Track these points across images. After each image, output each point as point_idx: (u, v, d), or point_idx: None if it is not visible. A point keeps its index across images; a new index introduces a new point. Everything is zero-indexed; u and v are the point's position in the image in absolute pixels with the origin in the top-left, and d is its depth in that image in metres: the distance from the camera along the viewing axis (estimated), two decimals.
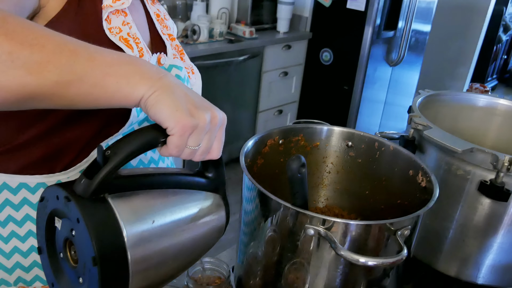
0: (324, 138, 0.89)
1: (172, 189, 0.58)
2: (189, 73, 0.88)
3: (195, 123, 0.52)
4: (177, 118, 0.51)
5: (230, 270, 0.83)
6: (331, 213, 0.93)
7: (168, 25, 0.89)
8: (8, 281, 0.77)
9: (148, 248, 0.52)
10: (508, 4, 4.74)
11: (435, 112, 1.04)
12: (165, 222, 0.55)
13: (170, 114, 0.51)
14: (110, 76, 0.51)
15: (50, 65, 0.49)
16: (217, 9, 2.97)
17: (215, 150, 0.57)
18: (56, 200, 0.51)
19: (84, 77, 0.50)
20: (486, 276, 0.89)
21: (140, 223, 0.52)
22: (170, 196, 0.57)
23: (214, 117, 0.55)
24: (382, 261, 0.61)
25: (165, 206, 0.56)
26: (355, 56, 3.08)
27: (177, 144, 0.52)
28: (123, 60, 0.53)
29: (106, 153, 0.50)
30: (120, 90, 0.51)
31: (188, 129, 0.51)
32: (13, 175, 0.72)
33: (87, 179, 0.49)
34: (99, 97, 0.52)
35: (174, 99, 0.51)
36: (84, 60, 0.50)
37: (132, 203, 0.52)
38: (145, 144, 0.52)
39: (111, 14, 0.72)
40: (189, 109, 0.52)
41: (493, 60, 5.02)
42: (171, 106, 0.51)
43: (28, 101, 0.50)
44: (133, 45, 0.72)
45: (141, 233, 0.52)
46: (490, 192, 0.81)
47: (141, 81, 0.52)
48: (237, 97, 2.98)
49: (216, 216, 0.63)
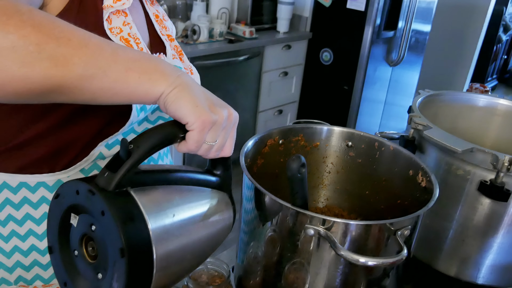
0: (324, 138, 0.89)
1: (187, 185, 0.59)
2: (188, 73, 0.88)
3: (215, 119, 0.53)
4: (198, 113, 0.52)
5: (230, 270, 0.83)
6: (331, 213, 0.93)
7: (167, 26, 0.89)
8: (9, 280, 0.77)
9: (170, 241, 0.53)
10: (508, 4, 4.74)
11: (435, 112, 1.04)
12: (184, 217, 0.56)
13: (190, 110, 0.52)
14: (133, 71, 0.52)
15: (75, 58, 0.49)
16: (217, 9, 2.97)
17: (228, 147, 0.59)
18: (76, 195, 0.51)
19: (107, 71, 0.51)
20: (486, 276, 0.89)
21: (163, 216, 0.53)
22: (186, 193, 0.58)
23: (230, 115, 0.56)
24: (382, 261, 0.61)
25: (183, 202, 0.57)
26: (355, 56, 3.08)
27: (197, 139, 0.53)
28: (144, 57, 0.54)
29: (130, 147, 0.50)
30: (141, 85, 0.52)
31: (208, 124, 0.53)
32: (13, 174, 0.72)
33: (110, 172, 0.50)
34: (120, 92, 0.53)
35: (194, 95, 0.53)
36: (108, 55, 0.51)
37: (153, 196, 0.53)
38: (166, 139, 0.53)
39: (111, 15, 0.72)
40: (208, 105, 0.53)
41: (493, 60, 5.02)
42: (191, 102, 0.52)
43: (52, 93, 0.50)
44: (134, 45, 0.73)
45: (164, 226, 0.52)
46: (490, 192, 0.81)
47: (162, 77, 0.53)
48: (237, 97, 2.98)
49: (226, 214, 0.64)
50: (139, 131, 0.78)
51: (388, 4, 3.00)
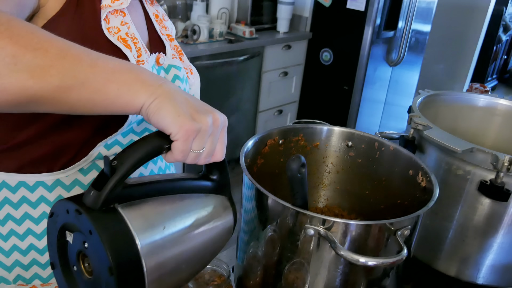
0: (324, 138, 0.89)
1: (179, 194, 0.58)
2: (188, 73, 0.88)
3: (198, 127, 0.52)
4: (180, 123, 0.51)
5: (230, 270, 0.83)
6: (331, 213, 0.93)
7: (166, 26, 0.89)
8: (8, 279, 0.77)
9: (161, 254, 0.53)
10: (508, 4, 4.74)
11: (435, 112, 1.04)
12: (176, 228, 0.56)
13: (172, 120, 0.51)
14: (112, 82, 0.51)
15: (52, 70, 0.49)
16: (217, 9, 2.97)
17: (218, 152, 0.57)
18: (66, 214, 0.51)
19: (85, 83, 0.50)
20: (486, 276, 0.89)
21: (152, 231, 0.52)
22: (178, 202, 0.58)
23: (216, 120, 0.55)
24: (382, 261, 0.61)
25: (174, 212, 0.57)
26: (355, 56, 3.08)
27: (182, 149, 0.52)
28: (125, 67, 0.53)
29: (113, 164, 0.50)
30: (121, 97, 0.52)
31: (192, 133, 0.52)
32: (12, 173, 0.72)
33: (96, 190, 0.50)
34: (99, 103, 0.52)
35: (175, 104, 0.52)
36: (87, 66, 0.51)
37: (142, 211, 0.53)
38: (151, 152, 0.52)
39: (109, 14, 0.72)
40: (191, 114, 0.52)
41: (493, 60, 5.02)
42: (173, 112, 0.51)
43: (29, 104, 0.50)
44: (131, 45, 0.73)
45: (154, 240, 0.52)
46: (490, 192, 0.81)
47: (142, 88, 0.52)
48: (237, 97, 2.98)
49: (224, 218, 0.63)
50: (138, 131, 0.78)
51: (388, 4, 3.00)
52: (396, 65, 3.32)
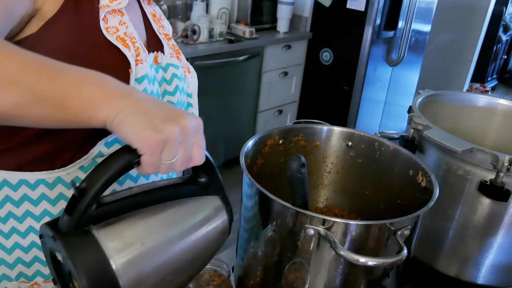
0: (324, 138, 0.89)
1: (162, 203, 0.57)
2: (185, 72, 0.89)
3: (163, 138, 0.50)
4: (144, 137, 0.49)
5: (230, 270, 0.83)
6: (331, 213, 0.93)
7: (164, 25, 0.90)
8: (10, 276, 0.78)
9: (141, 271, 0.52)
10: (508, 4, 4.74)
11: (435, 112, 1.04)
12: (157, 241, 0.54)
13: (136, 135, 0.49)
14: (72, 98, 0.50)
15: (11, 86, 0.49)
16: (217, 9, 2.97)
17: (196, 156, 0.55)
18: (49, 238, 0.52)
19: (45, 99, 0.50)
20: (486, 276, 0.89)
21: (128, 249, 0.52)
22: (159, 213, 0.56)
23: (185, 126, 0.52)
24: (382, 261, 0.61)
25: (154, 224, 0.55)
26: (355, 56, 3.08)
27: (151, 162, 0.51)
28: (88, 79, 0.52)
29: (82, 186, 0.49)
30: (82, 112, 0.51)
31: (158, 145, 0.50)
32: (13, 171, 0.72)
33: (68, 215, 0.49)
34: (62, 118, 0.51)
35: (139, 118, 0.50)
36: (46, 81, 0.50)
37: (117, 229, 0.52)
38: (120, 169, 0.51)
39: (108, 14, 0.72)
40: (155, 125, 0.50)
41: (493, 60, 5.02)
42: (136, 126, 0.49)
43: None
44: (130, 44, 0.73)
45: (131, 258, 0.51)
46: (490, 192, 0.81)
47: (104, 102, 0.50)
48: (237, 97, 2.98)
49: (216, 219, 0.61)
50: None
51: (388, 4, 3.00)
52: (396, 65, 3.32)
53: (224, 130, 2.94)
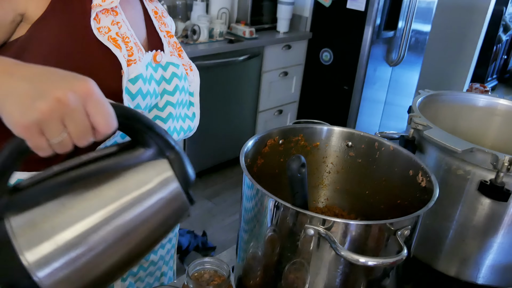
0: (324, 138, 0.89)
1: (89, 179, 0.50)
2: (187, 70, 0.89)
3: (34, 118, 0.44)
4: (14, 122, 0.45)
5: (230, 270, 0.83)
6: (331, 213, 0.93)
7: (166, 23, 0.89)
8: None
9: (60, 263, 0.46)
10: (508, 4, 4.74)
11: (435, 112, 1.04)
12: (84, 227, 0.48)
13: (8, 121, 0.45)
14: None
15: None
16: (217, 9, 2.97)
17: (100, 124, 0.48)
18: None
19: None
20: (486, 276, 0.89)
21: (44, 241, 0.46)
22: (83, 193, 0.49)
23: (60, 99, 0.45)
24: (382, 261, 0.61)
25: (78, 207, 0.48)
26: (355, 56, 3.08)
27: (36, 146, 0.46)
28: None
29: None
30: None
31: (30, 128, 0.45)
32: None
33: None
34: None
35: (9, 101, 0.45)
36: None
37: (33, 218, 0.46)
38: (13, 156, 0.46)
39: (100, 14, 0.72)
40: (24, 105, 0.45)
41: (493, 60, 5.02)
42: (7, 111, 0.45)
43: None
44: (122, 44, 0.73)
45: (46, 252, 0.46)
46: (490, 192, 0.81)
47: None
48: (237, 97, 2.98)
49: (162, 189, 0.53)
50: None
51: (388, 4, 3.00)
52: (396, 65, 3.32)
53: (224, 130, 2.94)
